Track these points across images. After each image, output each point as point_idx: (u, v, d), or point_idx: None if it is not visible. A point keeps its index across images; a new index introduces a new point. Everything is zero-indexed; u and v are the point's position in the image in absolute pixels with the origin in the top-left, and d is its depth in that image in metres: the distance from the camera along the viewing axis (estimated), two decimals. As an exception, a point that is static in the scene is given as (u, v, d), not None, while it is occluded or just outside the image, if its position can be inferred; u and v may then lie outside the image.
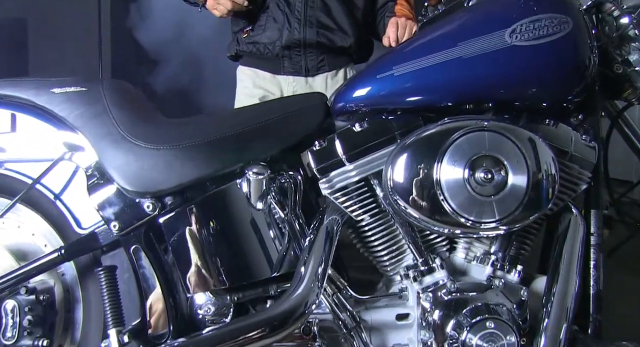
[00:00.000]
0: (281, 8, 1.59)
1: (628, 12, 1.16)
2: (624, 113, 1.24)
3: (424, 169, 0.95)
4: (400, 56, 1.01)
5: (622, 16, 1.15)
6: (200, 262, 1.01)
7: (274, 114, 1.05)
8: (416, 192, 0.95)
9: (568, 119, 1.11)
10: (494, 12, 1.01)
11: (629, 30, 1.14)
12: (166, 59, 3.99)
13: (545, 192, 0.95)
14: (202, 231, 1.01)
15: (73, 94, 1.08)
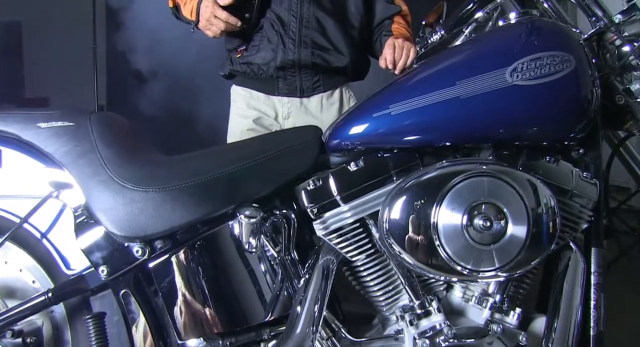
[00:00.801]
0: (275, 28, 1.55)
1: (630, 40, 1.13)
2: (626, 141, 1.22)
3: (420, 213, 0.92)
4: (397, 94, 0.98)
5: (624, 45, 1.13)
6: (192, 307, 0.98)
7: (266, 152, 1.02)
8: (412, 237, 0.93)
9: (569, 153, 1.08)
10: (494, 49, 0.98)
11: (630, 59, 1.12)
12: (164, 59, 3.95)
13: (546, 237, 0.93)
14: (193, 274, 0.99)
15: (60, 129, 1.05)
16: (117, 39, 4.00)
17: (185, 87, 3.90)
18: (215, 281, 1.00)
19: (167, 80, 3.92)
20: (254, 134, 1.59)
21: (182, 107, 3.97)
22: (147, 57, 3.97)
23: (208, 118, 3.48)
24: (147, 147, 1.09)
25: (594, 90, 0.99)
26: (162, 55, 3.89)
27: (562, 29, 1.01)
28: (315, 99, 1.60)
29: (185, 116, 3.98)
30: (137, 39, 3.92)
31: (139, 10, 3.66)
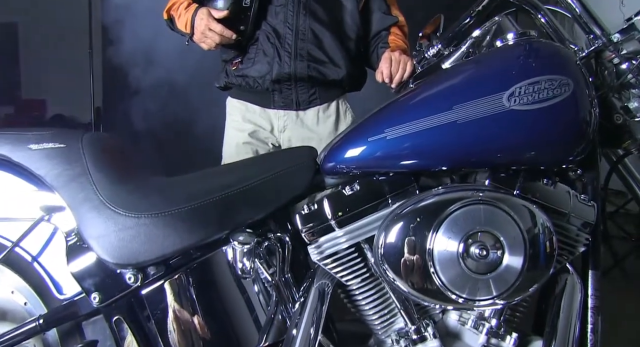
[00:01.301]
0: (271, 41, 1.53)
1: (628, 58, 1.12)
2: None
3: (416, 241, 0.91)
4: (393, 118, 0.97)
5: (622, 63, 1.12)
6: (186, 334, 0.97)
7: (260, 175, 1.01)
8: (407, 264, 0.91)
9: (566, 174, 1.07)
10: (491, 73, 0.96)
11: (629, 77, 1.11)
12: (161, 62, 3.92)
13: (543, 264, 0.91)
14: (187, 301, 0.98)
15: (51, 151, 1.03)
16: (113, 42, 3.96)
17: (183, 90, 3.87)
18: (209, 307, 0.99)
19: (164, 82, 3.89)
20: (249, 148, 1.59)
21: (179, 110, 3.95)
22: (144, 60, 3.94)
23: (205, 119, 3.47)
24: (139, 168, 1.07)
25: (592, 112, 0.98)
26: (159, 57, 3.86)
27: (560, 51, 1.00)
28: (311, 111, 1.58)
29: (183, 118, 3.96)
30: (134, 41, 3.89)
31: (136, 14, 3.63)
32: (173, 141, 3.89)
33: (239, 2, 1.49)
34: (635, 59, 1.12)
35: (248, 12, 1.50)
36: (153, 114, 3.95)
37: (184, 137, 3.85)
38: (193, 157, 3.57)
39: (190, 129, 3.85)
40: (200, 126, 3.63)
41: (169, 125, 4.02)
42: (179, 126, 3.98)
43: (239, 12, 1.49)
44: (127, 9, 3.79)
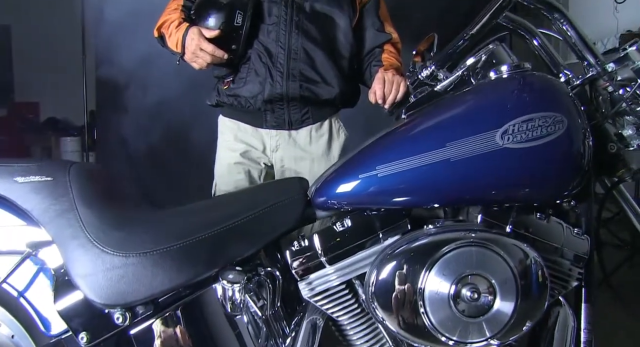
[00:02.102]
0: (263, 60, 1.51)
1: (622, 85, 1.11)
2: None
3: (407, 281, 0.90)
4: (384, 155, 0.95)
5: (617, 90, 1.11)
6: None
7: (250, 210, 0.99)
8: (397, 304, 0.91)
9: (560, 205, 1.06)
10: (485, 110, 0.95)
11: (623, 105, 1.09)
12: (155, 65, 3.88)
13: (536, 304, 0.91)
14: (176, 340, 0.96)
15: (38, 185, 1.02)
16: (107, 45, 3.92)
17: (176, 93, 3.84)
18: (199, 345, 0.98)
19: (157, 86, 3.86)
20: (241, 168, 1.57)
21: (173, 112, 3.92)
22: (138, 62, 3.90)
23: (199, 123, 3.44)
24: (128, 201, 1.06)
25: (586, 146, 0.97)
26: (153, 61, 3.83)
27: (554, 86, 0.98)
28: (304, 131, 1.57)
29: (178, 120, 3.93)
30: (128, 44, 3.86)
31: (130, 16, 3.59)
32: (168, 143, 3.85)
33: (231, 21, 1.47)
34: (629, 87, 1.11)
35: (240, 31, 1.48)
36: (147, 117, 3.93)
37: (180, 138, 3.82)
38: (188, 158, 3.56)
39: (186, 131, 3.83)
40: (196, 128, 3.61)
41: (164, 128, 4.00)
42: (174, 128, 3.95)
43: (230, 31, 1.47)
44: (121, 12, 3.76)
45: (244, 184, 1.57)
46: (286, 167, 1.58)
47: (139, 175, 3.78)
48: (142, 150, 3.74)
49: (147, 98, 3.91)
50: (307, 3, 1.54)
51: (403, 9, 3.58)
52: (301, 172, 1.58)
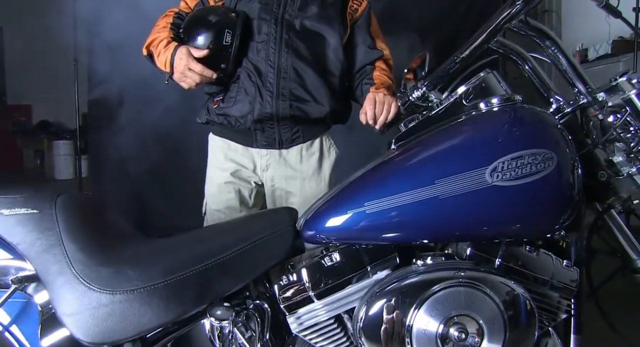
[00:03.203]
0: (252, 79, 1.49)
1: (613, 111, 1.11)
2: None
3: (396, 319, 0.90)
4: (373, 191, 0.94)
5: (607, 116, 1.11)
6: (162, 410, 0.95)
7: (238, 245, 0.98)
8: (385, 341, 0.90)
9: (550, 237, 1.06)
10: (474, 147, 0.94)
11: (614, 131, 1.09)
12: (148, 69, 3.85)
13: (524, 341, 0.91)
14: (164, 376, 0.96)
15: (24, 217, 1.01)
16: (99, 48, 3.89)
17: (169, 96, 3.81)
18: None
19: (150, 89, 3.83)
20: (232, 187, 1.56)
21: (165, 115, 3.89)
22: (131, 65, 3.87)
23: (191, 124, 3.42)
24: (115, 234, 1.05)
25: (576, 179, 0.96)
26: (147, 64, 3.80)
27: (544, 120, 0.98)
28: (294, 150, 1.56)
29: (170, 124, 3.91)
30: (120, 47, 3.82)
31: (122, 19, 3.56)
32: (161, 146, 3.83)
33: (219, 40, 1.46)
34: (620, 113, 1.11)
35: (229, 50, 1.46)
36: (140, 120, 3.90)
37: (173, 141, 3.79)
38: (181, 160, 3.54)
39: (179, 133, 3.81)
40: (189, 130, 3.58)
41: (157, 131, 3.97)
42: (166, 131, 3.93)
43: (219, 50, 1.46)
44: (114, 15, 3.72)
45: (235, 203, 1.56)
46: (277, 187, 1.57)
47: (131, 178, 3.77)
48: (134, 154, 3.72)
49: (139, 101, 3.89)
50: (297, 20, 1.52)
51: (400, 9, 3.60)
52: (292, 192, 1.57)
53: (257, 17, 1.52)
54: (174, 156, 3.70)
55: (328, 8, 1.55)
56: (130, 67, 3.81)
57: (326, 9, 1.55)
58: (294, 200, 1.57)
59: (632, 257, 1.18)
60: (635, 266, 1.17)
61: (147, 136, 3.77)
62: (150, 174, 3.76)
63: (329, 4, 1.56)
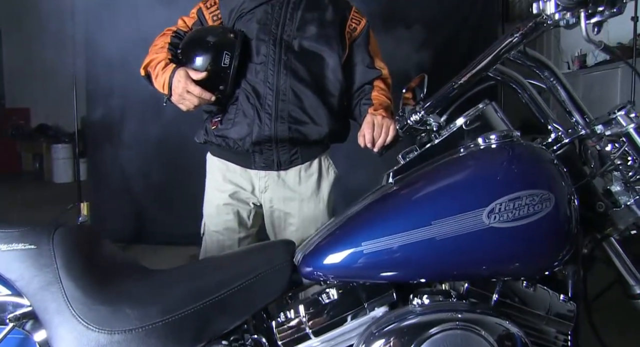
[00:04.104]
0: (251, 101, 1.49)
1: (611, 140, 1.11)
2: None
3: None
4: (370, 231, 0.94)
5: (606, 145, 1.11)
6: None
7: (235, 282, 0.99)
8: None
9: None
10: (472, 187, 0.94)
11: (612, 161, 1.09)
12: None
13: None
14: None
15: (21, 253, 1.01)
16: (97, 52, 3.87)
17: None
18: None
19: (149, 92, 3.82)
20: (230, 209, 1.56)
21: (165, 119, 3.89)
22: (129, 69, 3.86)
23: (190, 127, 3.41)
24: (113, 269, 1.05)
25: (573, 215, 0.96)
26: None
27: (540, 159, 0.98)
28: (293, 171, 1.55)
29: (170, 128, 3.90)
30: (118, 50, 3.81)
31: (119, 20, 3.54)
32: (161, 148, 3.83)
33: (218, 61, 1.45)
34: (618, 142, 1.11)
35: (227, 71, 1.46)
36: (138, 122, 3.90)
37: (172, 145, 3.79)
38: (182, 164, 3.54)
39: (178, 136, 3.80)
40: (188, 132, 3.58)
41: (156, 135, 3.97)
42: (166, 135, 3.93)
43: (217, 72, 1.45)
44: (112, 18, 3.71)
45: (233, 224, 1.56)
46: (275, 208, 1.57)
47: (130, 184, 3.77)
48: (134, 159, 3.72)
49: (138, 105, 3.88)
50: (296, 41, 1.52)
51: (401, 10, 3.59)
52: (290, 213, 1.57)
53: (255, 37, 1.51)
54: (173, 159, 3.70)
55: (327, 27, 1.55)
56: (130, 70, 3.81)
57: (325, 28, 1.54)
58: (292, 221, 1.58)
59: (630, 283, 1.18)
60: (633, 292, 1.17)
61: (146, 140, 3.77)
62: (150, 178, 3.76)
63: (327, 23, 1.56)
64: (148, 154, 3.76)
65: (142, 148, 3.55)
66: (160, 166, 3.74)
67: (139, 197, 3.86)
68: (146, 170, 3.75)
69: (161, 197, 3.83)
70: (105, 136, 3.89)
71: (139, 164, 3.74)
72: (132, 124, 3.84)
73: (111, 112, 3.87)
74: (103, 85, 3.92)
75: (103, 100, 3.89)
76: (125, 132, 3.82)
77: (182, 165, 3.54)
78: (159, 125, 3.73)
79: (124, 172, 3.75)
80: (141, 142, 3.58)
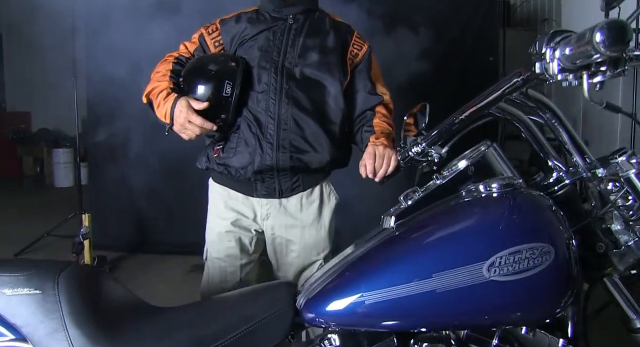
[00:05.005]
0: (252, 130, 1.49)
1: (612, 179, 1.11)
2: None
3: None
4: (371, 282, 0.95)
5: (607, 185, 1.11)
6: None
7: (236, 329, 1.00)
8: None
9: None
10: (472, 240, 0.95)
11: (612, 203, 1.10)
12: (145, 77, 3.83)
13: None
14: None
15: (27, 298, 1.02)
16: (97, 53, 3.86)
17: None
18: None
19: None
20: (232, 236, 1.57)
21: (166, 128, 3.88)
22: (129, 73, 3.85)
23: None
24: (118, 314, 1.06)
25: (573, 264, 0.97)
26: (144, 70, 3.78)
27: (541, 208, 0.98)
28: (294, 198, 1.56)
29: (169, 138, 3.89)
30: (118, 55, 3.80)
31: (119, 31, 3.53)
32: (162, 152, 3.83)
33: (219, 91, 1.45)
34: (619, 182, 1.11)
35: (229, 100, 1.46)
36: (138, 129, 3.90)
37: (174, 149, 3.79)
38: (183, 168, 3.54)
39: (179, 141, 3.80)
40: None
41: (157, 138, 3.96)
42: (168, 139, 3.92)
43: (219, 101, 1.45)
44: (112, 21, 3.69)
45: (235, 251, 1.57)
46: (277, 235, 1.58)
47: (131, 189, 3.77)
48: (135, 164, 3.72)
49: (139, 108, 3.88)
50: (298, 68, 1.52)
51: (402, 14, 3.57)
52: (292, 240, 1.58)
53: (257, 65, 1.51)
54: (174, 163, 3.70)
55: (328, 54, 1.55)
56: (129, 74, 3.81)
57: (327, 55, 1.54)
58: (294, 247, 1.59)
59: (631, 316, 1.19)
60: (634, 326, 1.18)
61: (146, 144, 3.77)
62: (150, 181, 3.76)
63: (329, 49, 1.55)
64: (150, 158, 3.76)
65: (143, 156, 3.54)
66: (163, 169, 3.74)
67: (141, 201, 3.86)
68: (148, 174, 3.74)
69: (164, 201, 3.83)
70: (106, 140, 3.88)
71: (140, 172, 3.73)
72: (134, 127, 3.84)
73: (112, 115, 3.86)
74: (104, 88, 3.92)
75: (104, 106, 3.88)
76: (126, 137, 3.81)
77: (186, 168, 3.53)
78: (162, 129, 3.72)
79: (125, 179, 3.74)
80: (143, 147, 3.57)
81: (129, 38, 3.51)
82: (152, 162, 3.69)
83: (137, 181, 3.65)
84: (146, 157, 3.65)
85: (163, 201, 3.74)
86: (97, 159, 3.90)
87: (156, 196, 3.72)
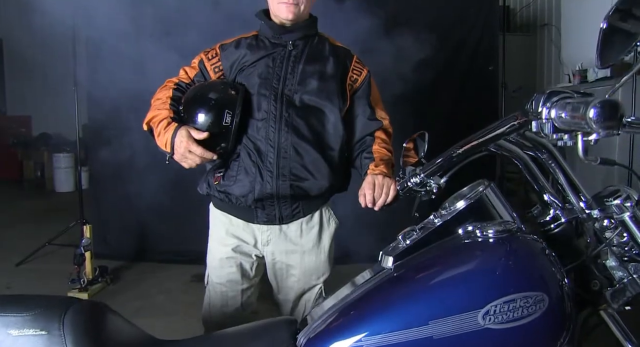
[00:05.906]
0: (252, 158, 1.51)
1: (607, 216, 1.13)
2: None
3: None
4: (370, 326, 0.97)
5: (602, 221, 1.13)
6: None
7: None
8: None
9: None
10: (467, 287, 0.97)
11: (607, 243, 1.12)
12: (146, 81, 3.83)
13: None
14: None
15: (32, 339, 1.03)
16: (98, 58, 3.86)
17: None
18: None
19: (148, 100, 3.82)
20: (233, 262, 1.59)
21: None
22: (129, 77, 3.85)
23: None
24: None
25: (568, 308, 0.99)
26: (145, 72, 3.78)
27: (535, 255, 1.00)
28: (294, 224, 1.58)
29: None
30: (119, 60, 3.80)
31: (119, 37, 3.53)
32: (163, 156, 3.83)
33: (219, 121, 1.47)
34: (614, 220, 1.13)
35: (229, 128, 1.48)
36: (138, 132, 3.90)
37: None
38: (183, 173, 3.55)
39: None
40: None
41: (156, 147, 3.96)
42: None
43: (219, 130, 1.47)
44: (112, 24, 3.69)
45: (236, 277, 1.59)
46: (277, 260, 1.60)
47: (132, 198, 3.78)
48: (135, 173, 3.73)
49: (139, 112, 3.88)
50: (297, 95, 1.53)
51: (402, 20, 3.57)
52: (292, 265, 1.60)
53: (256, 92, 1.52)
54: (175, 173, 3.70)
55: (328, 80, 1.56)
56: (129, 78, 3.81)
57: (326, 81, 1.55)
58: (294, 272, 1.61)
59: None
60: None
61: (147, 154, 3.78)
62: (151, 190, 3.77)
63: (328, 76, 1.56)
64: (151, 163, 3.77)
65: (144, 165, 3.55)
66: (164, 173, 3.75)
67: (142, 206, 3.87)
68: (149, 179, 3.75)
69: (165, 206, 3.84)
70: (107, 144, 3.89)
71: (141, 181, 3.74)
72: (135, 131, 3.84)
73: (113, 120, 3.87)
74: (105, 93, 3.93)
75: (104, 109, 3.88)
76: (127, 141, 3.82)
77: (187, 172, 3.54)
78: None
79: (126, 188, 3.75)
80: (142, 159, 3.58)
81: (132, 37, 3.52)
82: (152, 171, 3.70)
83: (138, 190, 3.67)
84: (146, 167, 3.66)
85: (164, 210, 3.75)
86: (98, 167, 3.91)
87: (157, 205, 3.73)
